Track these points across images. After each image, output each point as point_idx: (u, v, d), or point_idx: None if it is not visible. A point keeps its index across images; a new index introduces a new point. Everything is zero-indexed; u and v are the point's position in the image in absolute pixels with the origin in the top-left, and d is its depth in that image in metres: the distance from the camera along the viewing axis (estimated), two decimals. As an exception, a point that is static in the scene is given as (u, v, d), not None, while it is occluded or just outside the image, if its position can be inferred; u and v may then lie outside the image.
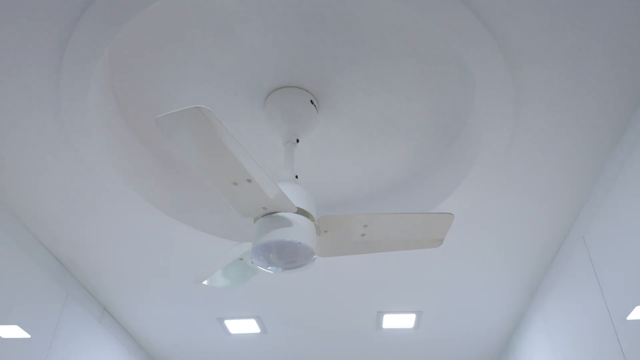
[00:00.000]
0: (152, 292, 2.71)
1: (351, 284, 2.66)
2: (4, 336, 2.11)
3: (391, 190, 2.29)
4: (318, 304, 2.82)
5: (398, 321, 2.95)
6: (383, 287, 2.69)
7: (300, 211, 1.55)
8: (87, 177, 2.00)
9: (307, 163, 2.16)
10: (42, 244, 2.34)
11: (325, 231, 1.62)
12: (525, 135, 1.84)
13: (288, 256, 1.54)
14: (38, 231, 2.27)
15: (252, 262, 1.75)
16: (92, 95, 1.72)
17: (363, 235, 1.65)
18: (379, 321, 2.96)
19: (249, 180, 1.41)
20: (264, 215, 1.54)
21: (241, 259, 1.76)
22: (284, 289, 2.71)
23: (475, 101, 1.86)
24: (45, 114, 1.77)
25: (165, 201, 2.17)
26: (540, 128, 1.82)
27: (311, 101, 1.84)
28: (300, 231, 1.51)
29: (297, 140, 1.80)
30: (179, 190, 2.23)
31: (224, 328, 3.04)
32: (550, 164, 1.96)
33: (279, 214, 1.53)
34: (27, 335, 2.23)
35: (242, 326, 3.02)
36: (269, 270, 1.60)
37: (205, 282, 1.89)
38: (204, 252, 2.37)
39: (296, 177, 1.72)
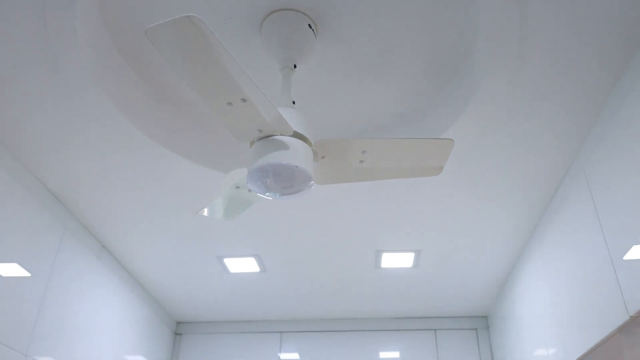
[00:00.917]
0: (150, 229, 2.71)
1: (350, 223, 2.66)
2: (3, 274, 2.11)
3: (390, 124, 2.25)
4: (317, 243, 2.83)
5: (397, 260, 2.97)
6: (382, 226, 2.68)
7: (298, 135, 1.51)
8: (81, 109, 1.95)
9: (305, 94, 2.10)
10: (38, 179, 2.32)
11: (323, 157, 1.59)
12: (527, 67, 1.79)
13: (285, 180, 1.51)
14: (33, 165, 2.24)
15: (249, 189, 1.73)
16: (80, 18, 1.66)
17: (361, 162, 1.62)
18: (377, 260, 2.98)
19: (244, 100, 1.36)
20: (259, 139, 1.51)
21: (238, 188, 1.74)
22: (283, 228, 2.70)
23: (479, 27, 1.79)
24: (35, 56, 1.71)
25: (162, 134, 2.14)
26: (543, 62, 1.76)
27: (309, 25, 1.78)
28: (297, 154, 1.48)
29: (295, 66, 1.75)
30: (176, 123, 2.19)
31: (224, 266, 3.06)
32: (553, 98, 1.91)
33: (276, 137, 1.49)
34: (27, 274, 2.24)
35: (242, 264, 3.03)
36: (267, 196, 1.58)
37: (203, 213, 1.88)
38: (202, 187, 2.36)
39: (293, 102, 1.67)
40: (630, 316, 1.75)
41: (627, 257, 1.76)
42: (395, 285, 3.30)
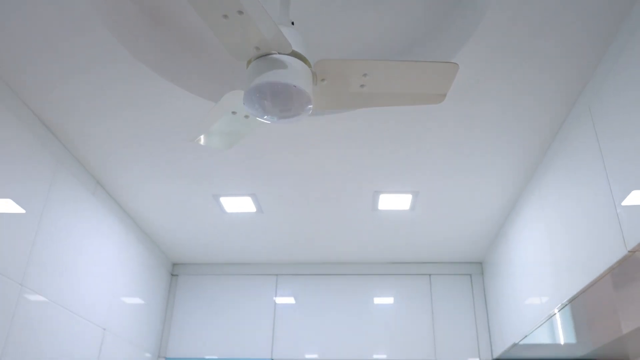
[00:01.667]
0: (146, 166, 2.67)
1: (348, 164, 2.62)
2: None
3: (390, 55, 2.18)
4: (314, 183, 2.80)
5: (394, 202, 2.95)
6: (380, 167, 2.65)
7: (296, 55, 1.45)
8: (76, 39, 1.87)
9: (303, 21, 2.02)
10: (32, 111, 2.26)
11: (322, 80, 1.53)
12: (533, 1, 1.71)
13: (282, 102, 1.46)
14: (25, 96, 2.17)
15: (245, 114, 1.68)
16: None
17: (362, 86, 1.56)
18: (375, 202, 2.96)
19: (240, 12, 1.29)
20: (257, 58, 1.45)
21: (234, 113, 1.69)
22: (279, 168, 2.67)
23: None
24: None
25: (161, 63, 2.07)
26: (557, -20, 1.68)
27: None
28: (295, 74, 1.43)
29: (294, -14, 1.67)
30: (174, 52, 2.11)
31: (220, 206, 3.04)
32: (558, 34, 1.83)
33: (273, 55, 1.43)
34: (21, 209, 2.20)
35: (238, 204, 3.01)
36: (264, 119, 1.53)
37: (199, 142, 1.83)
38: (199, 120, 2.30)
39: (292, 23, 1.60)
40: (629, 251, 1.73)
41: (629, 196, 1.73)
42: (391, 228, 3.29)
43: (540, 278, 2.62)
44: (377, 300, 3.71)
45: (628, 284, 2.12)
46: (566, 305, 2.37)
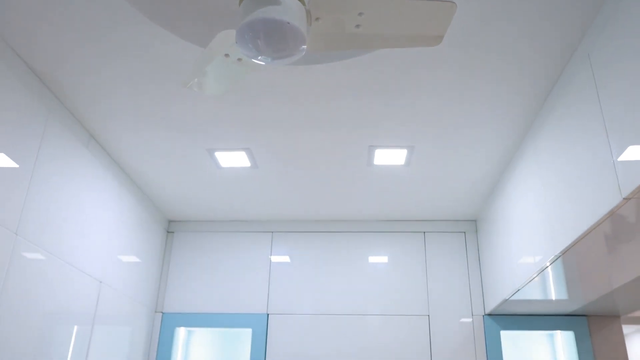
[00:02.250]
0: (139, 118, 2.64)
1: (343, 117, 2.60)
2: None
3: None
4: (309, 137, 2.78)
5: (389, 157, 2.93)
6: (375, 121, 2.63)
7: (290, -9, 1.42)
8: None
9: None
10: (23, 60, 2.21)
11: (317, 19, 1.50)
12: None
13: (276, 41, 1.43)
14: (16, 44, 2.12)
15: (238, 57, 1.65)
16: None
17: (357, 26, 1.53)
18: (370, 157, 2.94)
19: (232, -57, 1.25)
20: (249, -6, 1.41)
21: (227, 56, 1.65)
22: (274, 122, 2.64)
23: None
24: None
25: (150, 5, 2.02)
26: None
27: None
28: (289, 11, 1.39)
29: None
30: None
31: (214, 160, 3.02)
32: (565, -32, 1.79)
33: (266, -9, 1.39)
34: (14, 163, 2.17)
35: (232, 159, 3.00)
36: (258, 60, 1.50)
37: (193, 87, 1.81)
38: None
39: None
40: (624, 198, 1.74)
41: (626, 144, 1.72)
42: (386, 184, 3.29)
43: (534, 233, 2.63)
44: (372, 257, 3.74)
45: (620, 236, 2.13)
46: (558, 257, 2.39)
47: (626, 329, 5.83)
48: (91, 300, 2.81)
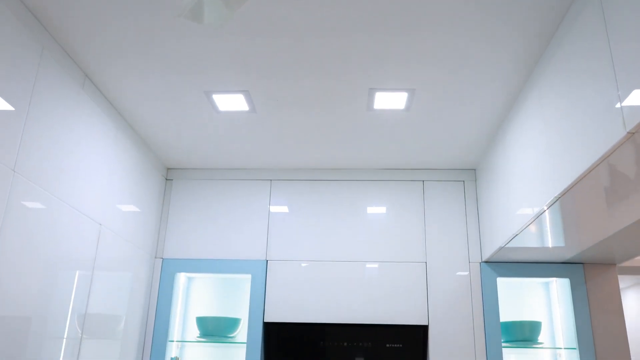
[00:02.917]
0: (136, 58, 2.59)
1: (343, 58, 2.55)
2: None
3: None
4: (308, 78, 2.73)
5: (390, 101, 2.90)
6: (376, 62, 2.58)
7: None
8: None
9: None
10: (10, -10, 2.15)
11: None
12: None
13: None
14: (2, -30, 2.06)
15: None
16: None
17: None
18: (370, 100, 2.91)
19: None
20: None
21: (225, -20, 1.60)
22: (273, 63, 2.59)
23: None
24: None
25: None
26: None
27: None
28: None
29: None
30: None
31: (212, 104, 2.98)
32: None
33: None
34: (7, 103, 2.13)
35: (231, 102, 2.96)
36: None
37: (187, 16, 1.75)
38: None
39: None
40: (628, 131, 1.72)
41: (635, 82, 1.69)
42: (386, 130, 3.27)
43: (533, 178, 2.63)
44: (370, 206, 3.75)
45: (619, 180, 2.13)
46: (556, 201, 2.39)
47: (622, 282, 5.93)
48: (91, 243, 2.82)
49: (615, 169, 2.04)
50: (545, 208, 2.53)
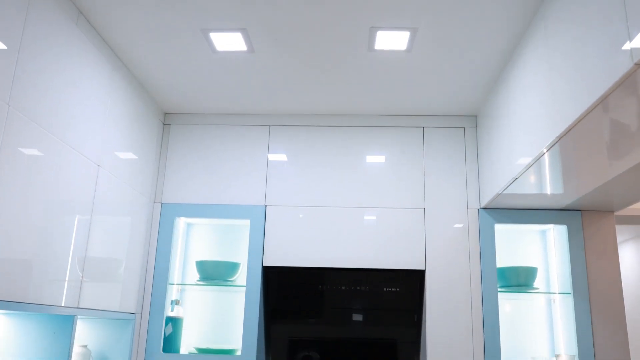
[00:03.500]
0: (129, -8, 2.51)
1: (345, -5, 2.48)
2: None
3: None
4: (307, 15, 2.66)
5: (391, 40, 2.83)
6: (378, 0, 2.51)
7: None
8: None
9: None
10: None
11: None
12: None
13: None
14: None
15: None
16: None
17: None
18: (371, 40, 2.84)
19: None
20: None
21: None
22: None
23: None
24: None
25: None
26: None
27: None
28: None
29: None
30: None
31: (209, 43, 2.92)
32: None
33: None
34: (2, 46, 2.07)
35: (228, 41, 2.89)
36: None
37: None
38: None
39: None
40: (635, 63, 1.68)
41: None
42: (387, 73, 3.21)
43: (534, 122, 2.60)
44: (370, 152, 3.73)
45: (622, 118, 2.10)
46: (556, 143, 2.37)
47: (620, 236, 5.98)
48: (90, 183, 2.81)
49: (617, 109, 2.01)
50: (545, 151, 2.51)
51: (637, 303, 5.93)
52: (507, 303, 3.79)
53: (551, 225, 3.72)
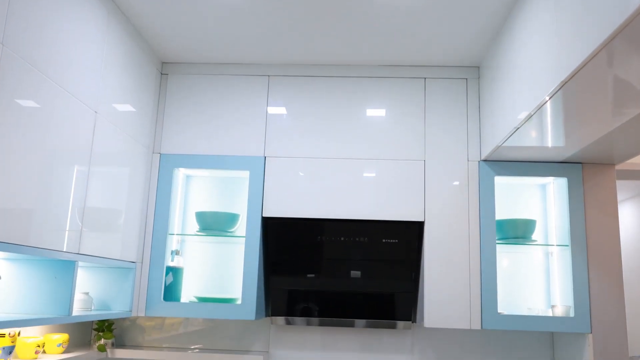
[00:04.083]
0: None
1: None
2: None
3: None
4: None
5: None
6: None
7: None
8: None
9: None
10: None
11: None
12: None
13: None
14: None
15: None
16: None
17: None
18: (373, -16, 2.77)
19: None
20: None
21: None
22: None
23: None
24: None
25: None
26: None
27: None
28: None
29: None
30: None
31: (207, -14, 2.85)
32: None
33: None
34: None
35: (227, -15, 2.82)
36: None
37: None
38: None
39: None
40: None
41: None
42: (389, 21, 3.14)
43: (537, 71, 2.55)
44: (371, 103, 3.69)
45: (629, 61, 2.05)
46: (561, 87, 2.33)
47: (620, 194, 5.99)
48: (87, 130, 2.78)
49: (624, 53, 1.97)
50: (547, 98, 2.47)
51: (635, 263, 5.98)
52: (505, 256, 3.82)
53: (551, 179, 3.71)
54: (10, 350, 2.72)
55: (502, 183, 3.80)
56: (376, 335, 3.84)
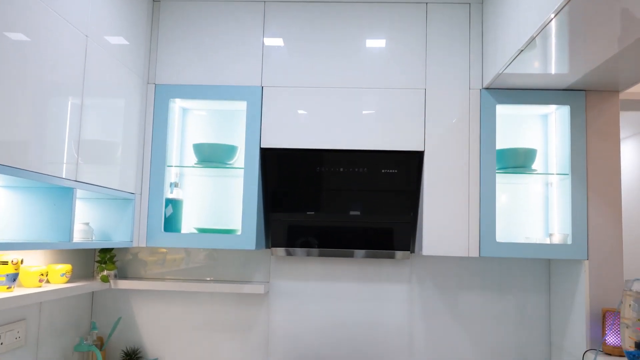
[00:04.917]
0: None
1: None
2: None
3: None
4: None
5: None
6: None
7: None
8: None
9: None
10: None
11: None
12: None
13: None
14: None
15: None
16: None
17: None
18: None
19: None
20: None
21: None
22: None
23: None
24: None
25: None
26: None
27: None
28: None
29: None
30: None
31: None
32: None
33: None
34: None
35: None
36: None
37: None
38: None
39: None
40: None
41: None
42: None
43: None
44: (370, 30, 3.58)
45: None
46: (566, 4, 2.24)
47: (623, 130, 5.93)
48: (78, 56, 2.70)
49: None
50: (553, 16, 2.39)
51: (635, 203, 5.99)
52: (505, 186, 3.81)
53: (553, 108, 3.66)
54: (14, 277, 2.75)
55: (504, 114, 3.74)
56: (375, 265, 3.89)
